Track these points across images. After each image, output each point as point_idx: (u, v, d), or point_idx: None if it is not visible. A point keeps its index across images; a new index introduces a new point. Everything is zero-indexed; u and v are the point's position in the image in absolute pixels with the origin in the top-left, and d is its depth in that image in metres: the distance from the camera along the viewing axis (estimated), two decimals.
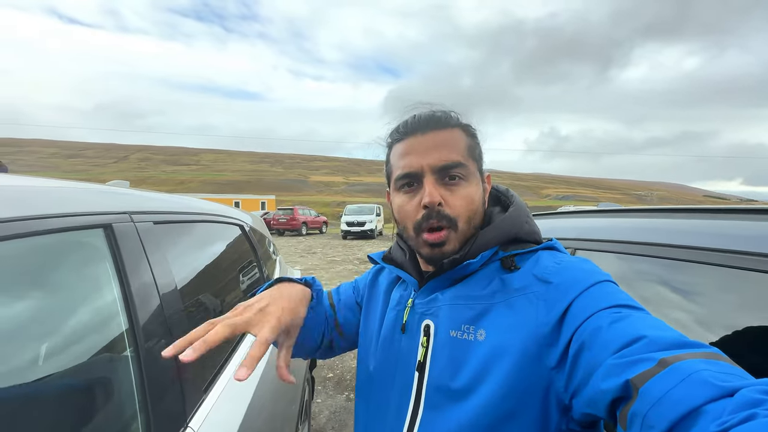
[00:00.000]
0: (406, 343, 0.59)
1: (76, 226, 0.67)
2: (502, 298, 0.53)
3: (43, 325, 0.60)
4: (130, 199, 0.87)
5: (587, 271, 0.50)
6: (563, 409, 0.47)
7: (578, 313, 0.46)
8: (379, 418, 0.60)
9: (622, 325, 0.41)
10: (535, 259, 0.56)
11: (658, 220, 0.99)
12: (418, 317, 0.59)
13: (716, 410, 0.29)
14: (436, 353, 0.55)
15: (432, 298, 0.59)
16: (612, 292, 0.47)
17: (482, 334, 0.52)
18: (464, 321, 0.54)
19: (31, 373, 0.56)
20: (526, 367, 0.47)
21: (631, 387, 0.35)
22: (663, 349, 0.36)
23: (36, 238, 0.60)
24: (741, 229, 0.76)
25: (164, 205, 1.00)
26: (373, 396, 0.62)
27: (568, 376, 0.45)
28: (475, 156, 0.60)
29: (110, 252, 0.73)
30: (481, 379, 0.49)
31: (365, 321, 0.70)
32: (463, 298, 0.56)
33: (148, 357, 0.71)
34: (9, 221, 0.55)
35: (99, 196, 0.77)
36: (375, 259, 0.71)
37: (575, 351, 0.44)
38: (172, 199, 1.09)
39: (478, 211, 0.59)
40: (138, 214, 0.84)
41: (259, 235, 2.03)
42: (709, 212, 0.88)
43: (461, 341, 0.53)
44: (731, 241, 0.73)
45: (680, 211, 0.97)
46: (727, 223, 0.81)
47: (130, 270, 0.74)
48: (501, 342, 0.50)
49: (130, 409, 0.68)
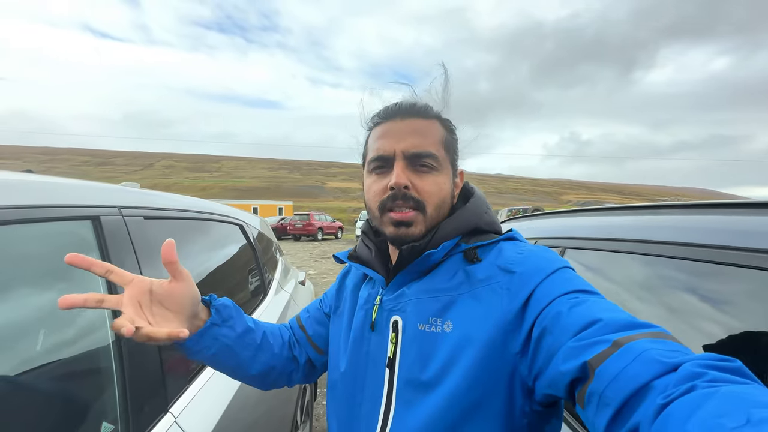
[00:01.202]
0: (375, 340, 0.60)
1: (65, 217, 0.71)
2: (467, 289, 0.54)
3: (31, 309, 0.64)
4: (121, 194, 0.91)
5: (548, 259, 0.53)
6: (527, 392, 0.48)
7: (540, 299, 0.48)
8: (352, 419, 0.60)
9: (580, 309, 0.43)
10: (497, 250, 0.57)
11: (640, 218, 0.98)
12: (386, 314, 0.59)
13: (662, 384, 0.32)
14: (405, 348, 0.55)
15: (399, 294, 0.59)
16: (571, 278, 0.49)
17: (449, 326, 0.53)
18: (431, 314, 0.55)
19: (15, 358, 0.59)
20: (492, 355, 0.49)
21: (588, 368, 0.38)
22: (616, 330, 0.39)
23: (26, 226, 0.64)
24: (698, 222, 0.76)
25: (157, 202, 1.04)
26: (345, 397, 0.62)
27: (531, 360, 0.47)
28: (450, 149, 0.61)
29: (97, 243, 0.77)
30: (449, 369, 0.50)
31: (334, 325, 0.70)
32: (429, 291, 0.56)
33: (130, 346, 0.75)
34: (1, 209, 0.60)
35: (89, 191, 0.82)
36: (341, 258, 0.70)
37: (537, 335, 0.46)
38: (166, 196, 1.14)
39: (446, 200, 0.60)
40: (128, 208, 0.88)
41: (266, 239, 2.08)
42: (686, 208, 0.88)
43: (429, 334, 0.54)
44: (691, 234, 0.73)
45: (653, 208, 0.97)
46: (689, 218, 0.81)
47: (116, 261, 0.78)
48: (467, 332, 0.51)
49: (110, 394, 0.71)
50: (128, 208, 0.88)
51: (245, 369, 0.66)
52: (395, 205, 0.57)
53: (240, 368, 0.66)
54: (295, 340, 0.76)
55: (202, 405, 0.89)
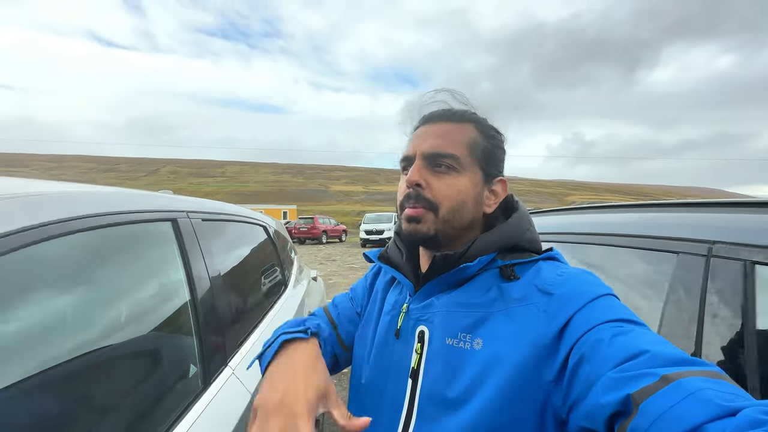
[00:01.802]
0: (399, 348, 0.58)
1: (154, 219, 0.98)
2: (502, 307, 0.52)
3: (134, 285, 0.90)
4: (185, 202, 1.18)
5: (590, 283, 0.50)
6: (559, 423, 0.46)
7: (579, 326, 0.45)
8: (371, 426, 0.57)
9: (624, 339, 0.41)
10: (536, 270, 0.54)
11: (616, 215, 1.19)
12: (412, 323, 0.58)
13: (718, 429, 0.29)
14: (430, 360, 0.54)
15: (427, 304, 0.57)
16: (614, 306, 0.46)
17: (479, 343, 0.51)
18: (461, 329, 0.53)
19: (126, 323, 0.85)
20: (524, 379, 0.46)
21: (631, 402, 0.35)
22: (665, 365, 0.36)
23: (130, 226, 0.90)
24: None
25: (207, 207, 1.32)
26: (365, 404, 0.60)
27: (566, 389, 0.44)
28: (478, 153, 0.59)
29: (176, 239, 1.03)
30: (476, 389, 0.48)
31: (362, 327, 0.69)
32: (459, 305, 0.55)
33: (202, 314, 1.01)
34: (111, 214, 0.85)
35: (166, 200, 1.09)
36: (371, 258, 0.69)
37: (574, 363, 0.43)
38: (212, 203, 1.42)
39: (465, 204, 0.57)
40: (192, 213, 1.15)
41: (283, 237, 2.35)
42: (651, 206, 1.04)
43: (457, 349, 0.52)
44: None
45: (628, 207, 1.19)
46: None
47: (189, 253, 1.05)
48: (499, 352, 0.49)
49: (190, 352, 0.97)
50: (192, 212, 1.15)
51: None
52: (408, 204, 0.58)
53: None
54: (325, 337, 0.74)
55: (247, 360, 1.15)
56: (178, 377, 0.90)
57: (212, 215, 1.31)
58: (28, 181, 0.82)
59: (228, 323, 1.14)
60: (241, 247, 1.56)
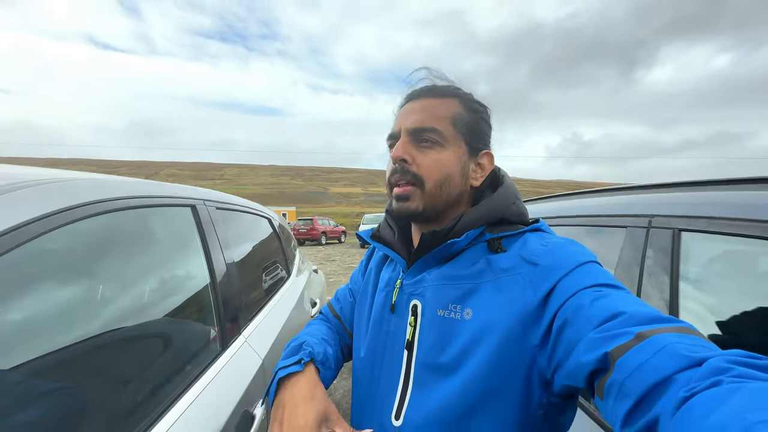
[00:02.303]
0: (395, 322, 0.61)
1: (177, 204, 1.12)
2: (490, 278, 0.54)
3: (163, 262, 1.04)
4: (201, 191, 1.32)
5: (573, 252, 0.52)
6: (545, 384, 0.48)
7: (562, 292, 0.47)
8: (370, 398, 0.62)
9: (603, 302, 0.43)
10: (522, 241, 0.56)
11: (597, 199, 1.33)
12: (406, 297, 0.60)
13: (686, 378, 0.31)
14: (424, 332, 0.56)
15: (419, 279, 0.59)
16: (595, 272, 0.49)
17: (469, 313, 0.53)
18: (451, 300, 0.55)
19: (155, 298, 0.99)
20: (511, 345, 0.49)
21: (608, 359, 0.37)
22: (640, 324, 0.38)
23: (157, 209, 1.04)
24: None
25: (219, 197, 1.46)
26: (365, 376, 0.63)
27: (550, 352, 0.46)
28: (462, 127, 0.59)
29: (195, 223, 1.17)
30: (467, 356, 0.51)
31: (359, 307, 0.71)
32: (449, 278, 0.57)
33: (220, 289, 1.15)
34: (140, 197, 0.98)
35: (186, 189, 1.23)
36: (363, 237, 0.71)
37: (558, 327, 0.45)
38: (223, 195, 1.56)
39: (452, 178, 0.58)
40: (208, 201, 1.29)
41: (287, 231, 2.50)
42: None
43: (448, 320, 0.54)
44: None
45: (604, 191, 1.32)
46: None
47: (207, 237, 1.18)
48: (487, 321, 0.51)
49: (210, 320, 1.11)
50: (208, 200, 1.29)
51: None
52: (396, 180, 0.59)
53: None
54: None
55: (261, 329, 1.29)
56: (201, 343, 1.04)
57: (225, 204, 1.45)
58: (60, 171, 0.94)
59: (241, 297, 1.28)
60: (250, 234, 1.71)
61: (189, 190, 1.23)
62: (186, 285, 1.07)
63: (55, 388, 0.59)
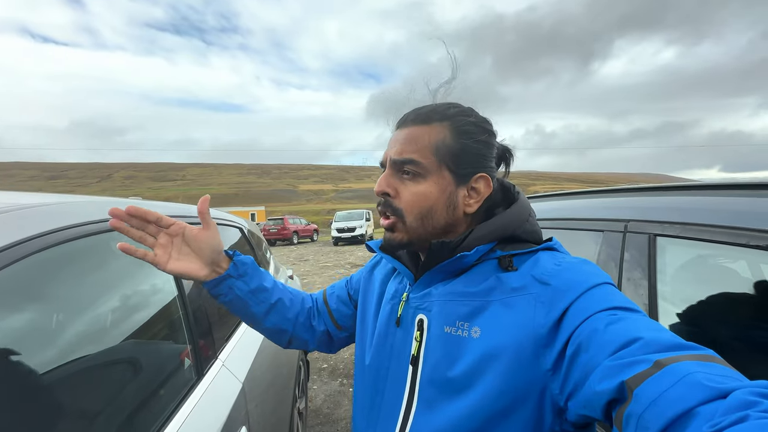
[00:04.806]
0: (400, 336, 0.60)
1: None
2: (499, 297, 0.52)
3: (129, 286, 0.96)
4: (166, 208, 1.23)
5: (586, 273, 0.50)
6: (557, 411, 0.47)
7: (576, 315, 0.45)
8: (373, 410, 0.61)
9: (619, 327, 0.41)
10: (534, 260, 0.54)
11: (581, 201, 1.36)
12: (412, 311, 0.59)
13: (709, 411, 0.30)
14: (430, 348, 0.55)
15: (426, 293, 0.58)
16: (609, 295, 0.47)
17: (477, 332, 0.51)
18: (458, 317, 0.54)
19: (121, 323, 0.91)
20: (522, 368, 0.47)
21: (626, 389, 0.35)
22: (658, 351, 0.37)
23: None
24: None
25: (186, 211, 1.37)
26: (368, 389, 0.62)
27: (563, 378, 0.45)
28: (445, 156, 0.56)
29: None
30: (475, 377, 0.50)
31: (361, 314, 0.71)
32: (457, 294, 0.55)
33: (191, 312, 1.08)
34: (99, 222, 0.90)
35: (151, 207, 1.14)
36: (372, 248, 0.69)
37: (572, 353, 0.44)
38: (190, 207, 1.46)
39: (434, 210, 0.57)
40: (177, 217, 1.20)
41: (257, 237, 2.40)
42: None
43: (455, 337, 0.53)
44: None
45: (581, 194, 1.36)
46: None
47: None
48: (497, 341, 0.49)
49: (183, 345, 1.04)
50: (177, 216, 1.21)
51: (259, 322, 0.73)
52: (380, 211, 0.59)
53: (254, 320, 0.73)
54: (317, 311, 0.79)
55: (237, 353, 1.23)
56: (174, 370, 0.97)
57: (191, 218, 1.36)
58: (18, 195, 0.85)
59: (216, 319, 1.21)
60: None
61: (157, 208, 1.15)
62: (155, 312, 1.00)
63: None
